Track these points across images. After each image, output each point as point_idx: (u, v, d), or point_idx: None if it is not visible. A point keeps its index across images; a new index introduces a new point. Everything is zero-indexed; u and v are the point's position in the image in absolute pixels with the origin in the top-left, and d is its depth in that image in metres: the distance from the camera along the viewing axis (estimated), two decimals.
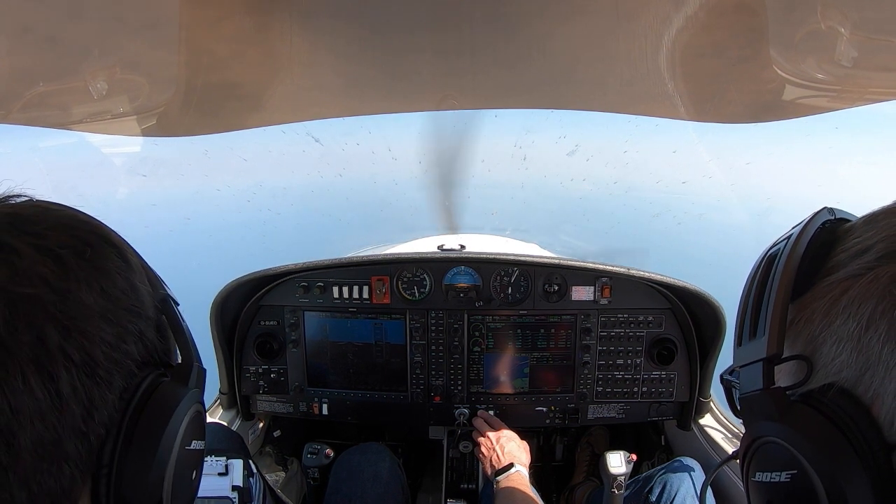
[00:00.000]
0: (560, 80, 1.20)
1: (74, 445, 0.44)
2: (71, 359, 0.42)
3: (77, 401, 0.43)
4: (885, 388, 0.43)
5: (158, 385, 0.52)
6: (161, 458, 0.50)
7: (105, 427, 0.47)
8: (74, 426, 0.43)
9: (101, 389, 0.45)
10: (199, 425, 0.59)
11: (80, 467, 0.45)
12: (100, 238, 0.51)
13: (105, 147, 1.44)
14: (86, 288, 0.45)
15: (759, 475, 0.53)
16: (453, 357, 1.94)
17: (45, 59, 0.90)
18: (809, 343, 0.51)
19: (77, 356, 0.43)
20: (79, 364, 0.43)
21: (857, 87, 0.98)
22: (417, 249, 2.35)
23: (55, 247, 0.45)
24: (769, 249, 0.60)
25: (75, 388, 0.43)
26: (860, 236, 0.50)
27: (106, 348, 0.46)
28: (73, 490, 0.45)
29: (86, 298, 0.45)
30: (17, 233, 0.44)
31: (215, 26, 0.92)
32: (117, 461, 0.47)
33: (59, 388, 0.41)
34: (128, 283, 0.51)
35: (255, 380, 1.98)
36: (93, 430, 0.45)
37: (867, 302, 0.45)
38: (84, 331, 0.44)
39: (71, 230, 0.48)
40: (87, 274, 0.46)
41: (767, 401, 0.51)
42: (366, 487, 1.64)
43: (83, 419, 0.44)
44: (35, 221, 0.47)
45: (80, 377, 0.43)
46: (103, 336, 0.46)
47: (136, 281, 0.52)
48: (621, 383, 1.94)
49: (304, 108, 1.29)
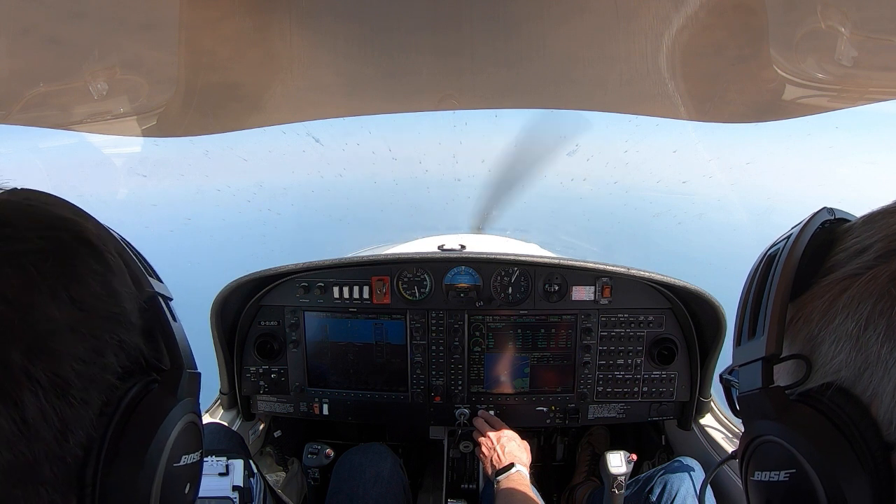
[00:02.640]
0: (560, 80, 1.20)
1: (50, 469, 0.41)
2: (37, 381, 0.39)
3: (48, 426, 0.40)
4: (884, 387, 0.43)
5: (142, 399, 0.48)
6: (144, 478, 0.47)
7: (83, 448, 0.43)
8: (48, 451, 0.40)
9: (75, 410, 0.42)
10: (191, 437, 0.55)
11: (60, 489, 0.42)
12: (74, 239, 0.47)
13: (105, 147, 1.44)
14: (51, 299, 0.41)
15: (757, 474, 0.53)
16: (454, 357, 1.94)
17: (46, 60, 0.90)
18: (808, 342, 0.51)
19: (44, 378, 0.39)
20: (46, 386, 0.39)
21: (858, 87, 0.98)
22: (418, 249, 2.35)
23: (20, 253, 0.41)
24: (768, 249, 0.60)
25: (44, 412, 0.39)
26: (859, 236, 0.50)
27: (78, 365, 0.42)
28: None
29: (52, 312, 0.41)
30: None
31: (215, 26, 0.92)
32: (100, 482, 0.44)
33: (24, 415, 0.38)
34: (105, 287, 0.47)
35: (256, 380, 1.98)
36: (69, 452, 0.42)
37: (866, 301, 0.45)
38: (51, 349, 0.40)
39: (42, 231, 0.44)
40: (54, 283, 0.42)
41: (766, 400, 0.51)
42: (367, 487, 1.64)
43: (57, 442, 0.41)
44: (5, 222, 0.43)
45: (48, 400, 0.39)
46: (74, 352, 0.42)
47: (116, 284, 0.48)
48: (622, 383, 1.94)
49: (304, 108, 1.29)
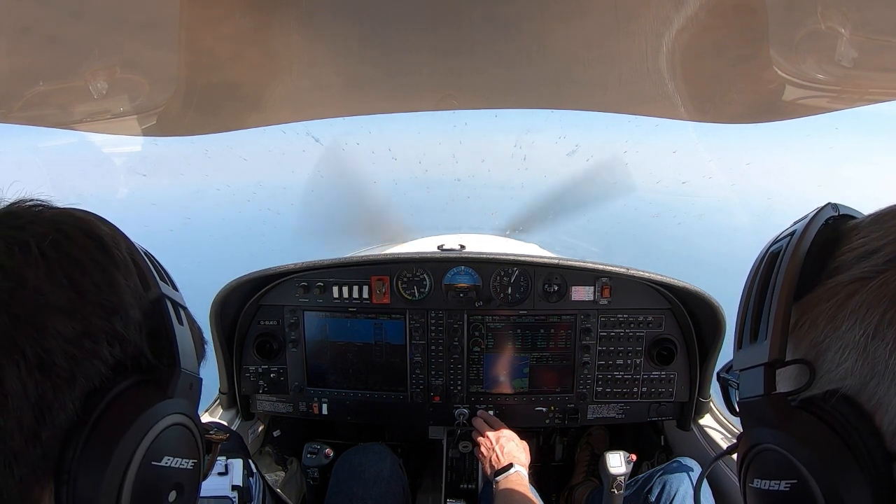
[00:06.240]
0: (560, 80, 1.20)
1: (23, 444, 0.41)
2: (21, 352, 0.40)
3: (24, 397, 0.40)
4: (890, 398, 0.42)
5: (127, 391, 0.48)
6: (114, 471, 0.45)
7: (64, 430, 0.43)
8: (21, 424, 0.40)
9: (57, 389, 0.42)
10: (181, 440, 0.53)
11: (33, 469, 0.42)
12: (81, 231, 0.48)
13: (105, 146, 1.44)
14: (47, 279, 0.43)
15: (757, 482, 0.51)
16: (453, 357, 1.94)
17: (46, 59, 0.90)
18: (813, 348, 0.49)
19: (29, 350, 0.40)
20: (30, 359, 0.40)
21: (858, 88, 0.98)
22: (417, 249, 2.35)
23: (28, 237, 0.43)
24: (770, 246, 0.58)
25: (24, 383, 0.40)
26: (867, 236, 0.48)
27: (66, 345, 0.42)
28: (29, 493, 0.43)
29: (46, 289, 0.42)
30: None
31: (215, 26, 0.92)
32: (74, 469, 0.44)
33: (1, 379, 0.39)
34: (105, 277, 0.47)
35: (255, 380, 1.98)
36: (46, 431, 0.42)
37: (875, 308, 0.43)
38: (39, 324, 0.41)
39: (53, 223, 0.46)
40: (54, 265, 0.43)
41: (768, 407, 0.50)
42: (367, 487, 1.64)
43: (34, 417, 0.41)
44: (22, 216, 0.45)
45: (30, 372, 0.40)
46: (63, 332, 0.42)
47: (119, 277, 0.49)
48: (621, 383, 1.94)
49: (304, 107, 1.29)
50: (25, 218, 0.45)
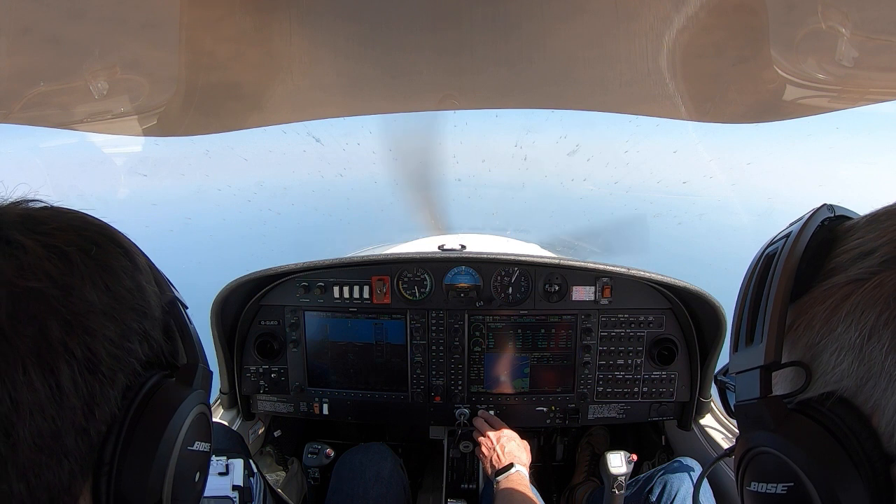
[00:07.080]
0: (560, 80, 1.20)
1: (74, 441, 0.44)
2: (73, 353, 0.43)
3: (77, 395, 0.43)
4: (887, 399, 0.42)
5: (162, 385, 0.52)
6: (161, 458, 0.50)
7: (107, 425, 0.47)
8: (74, 421, 0.43)
9: (102, 386, 0.46)
10: (203, 427, 0.59)
11: (81, 463, 0.45)
12: (107, 238, 0.52)
13: (106, 147, 1.44)
14: (90, 285, 0.46)
15: (754, 485, 0.51)
16: (454, 357, 1.94)
17: (46, 59, 0.90)
18: (809, 350, 0.49)
19: (79, 351, 0.43)
20: (80, 359, 0.43)
21: (858, 88, 0.98)
22: (418, 249, 2.35)
23: (62, 245, 0.46)
24: (766, 248, 0.57)
25: (76, 383, 0.43)
26: (862, 237, 0.48)
27: (109, 345, 0.46)
28: (73, 486, 0.45)
29: (90, 295, 0.46)
30: (26, 231, 0.45)
31: (215, 26, 0.92)
32: (117, 460, 0.47)
33: (59, 381, 0.42)
34: (134, 282, 0.51)
35: (256, 380, 1.98)
36: (94, 426, 0.45)
37: (870, 310, 0.43)
38: (87, 327, 0.44)
39: (79, 230, 0.49)
40: (93, 272, 0.47)
41: (764, 410, 0.50)
42: (368, 487, 1.64)
43: (84, 415, 0.44)
44: (44, 221, 0.47)
45: (81, 372, 0.43)
46: (106, 333, 0.46)
47: (143, 281, 0.53)
48: (622, 383, 1.94)
49: (305, 107, 1.29)
50: (49, 224, 0.47)
